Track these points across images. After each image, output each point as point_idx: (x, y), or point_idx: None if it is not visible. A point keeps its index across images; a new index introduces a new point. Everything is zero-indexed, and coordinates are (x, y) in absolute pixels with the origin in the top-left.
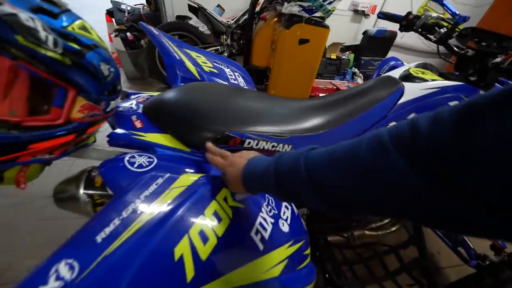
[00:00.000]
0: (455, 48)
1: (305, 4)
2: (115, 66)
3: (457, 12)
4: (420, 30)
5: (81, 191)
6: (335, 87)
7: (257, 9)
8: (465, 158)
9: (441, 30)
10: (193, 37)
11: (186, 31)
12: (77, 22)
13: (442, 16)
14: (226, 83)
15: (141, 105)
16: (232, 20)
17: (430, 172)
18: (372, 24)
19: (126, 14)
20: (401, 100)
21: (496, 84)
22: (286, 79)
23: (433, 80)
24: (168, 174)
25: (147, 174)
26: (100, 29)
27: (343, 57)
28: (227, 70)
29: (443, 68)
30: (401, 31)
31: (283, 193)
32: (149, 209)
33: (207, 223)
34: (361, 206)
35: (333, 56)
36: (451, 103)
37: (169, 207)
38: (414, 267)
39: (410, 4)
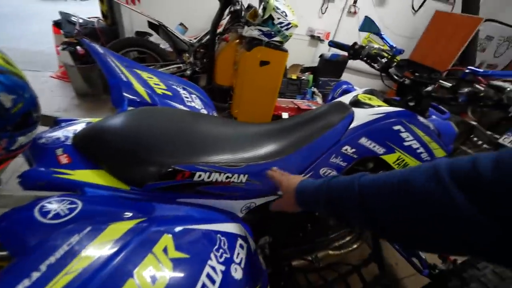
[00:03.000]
0: (395, 76)
1: (264, 29)
2: (30, 93)
3: (394, 45)
4: (365, 59)
5: None
6: (296, 106)
7: (220, 30)
8: None
9: (383, 60)
10: (153, 54)
11: (146, 48)
12: None
13: (382, 47)
14: (180, 106)
15: (71, 136)
16: (195, 39)
17: (491, 210)
18: (327, 49)
19: (77, 27)
20: (352, 125)
21: (430, 108)
22: (249, 98)
23: (378, 106)
24: (88, 228)
25: (62, 229)
26: (46, 41)
27: (303, 77)
28: (182, 92)
29: (385, 94)
30: (349, 59)
31: (332, 211)
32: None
33: (138, 285)
34: (409, 234)
35: (294, 77)
36: (395, 127)
37: (82, 278)
38: (375, 285)
39: (358, 34)
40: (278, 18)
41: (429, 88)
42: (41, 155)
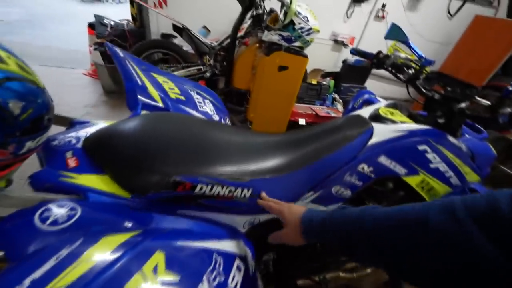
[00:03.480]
0: (423, 90)
1: (285, 33)
2: (43, 98)
3: (423, 55)
4: (390, 68)
5: None
6: (314, 113)
7: (241, 33)
8: None
9: (410, 71)
10: (176, 56)
11: (169, 49)
12: None
13: (410, 57)
14: (193, 111)
15: (83, 138)
16: (216, 42)
17: (509, 247)
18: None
19: (108, 28)
20: (371, 142)
21: (464, 126)
22: (265, 103)
23: (402, 122)
24: (80, 241)
25: (55, 239)
26: (82, 40)
27: (324, 83)
28: (196, 97)
29: (412, 105)
30: (372, 68)
31: (339, 246)
32: None
33: None
34: (423, 273)
35: (314, 82)
36: (420, 147)
37: None
38: None
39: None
40: (299, 23)
41: (463, 105)
42: (52, 157)
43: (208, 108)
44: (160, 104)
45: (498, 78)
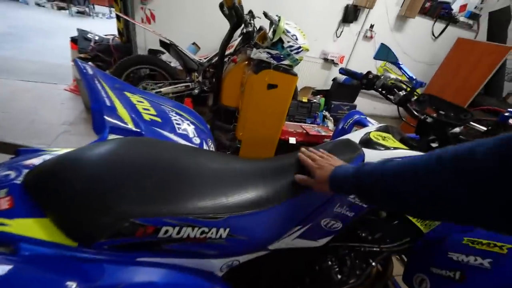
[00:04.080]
0: (415, 112)
1: (273, 51)
2: None
3: (414, 77)
4: (380, 89)
5: None
6: (304, 131)
7: (231, 51)
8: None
9: (400, 92)
10: (162, 72)
11: (156, 66)
12: None
13: (400, 78)
14: (170, 134)
15: (25, 172)
16: (205, 58)
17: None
18: None
19: (92, 43)
20: None
21: None
22: (255, 121)
23: (394, 148)
24: None
25: None
26: (66, 55)
27: (314, 100)
28: (174, 118)
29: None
30: (362, 88)
31: (360, 192)
32: None
33: None
34: (414, 206)
35: (305, 100)
36: None
37: None
38: None
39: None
40: (288, 42)
41: (457, 130)
42: None
43: (188, 130)
44: (131, 127)
45: (481, 97)
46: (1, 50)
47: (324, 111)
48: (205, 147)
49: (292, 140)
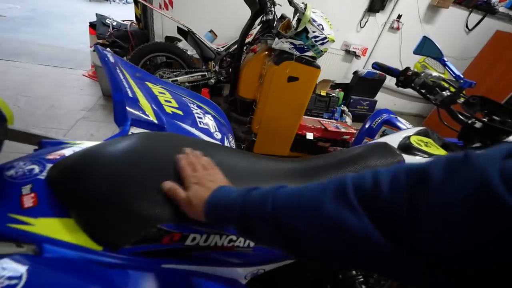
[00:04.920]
0: (460, 116)
1: (297, 42)
2: None
3: (462, 76)
4: (418, 88)
5: None
6: (323, 127)
7: (250, 39)
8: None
9: (443, 92)
10: (179, 60)
11: (173, 53)
12: None
13: (443, 76)
14: (192, 128)
15: (49, 166)
16: (223, 47)
17: (388, 231)
18: (362, 65)
19: (110, 29)
20: None
21: None
22: (272, 114)
23: (438, 154)
24: None
25: None
26: (85, 40)
27: (333, 94)
28: (195, 112)
29: (422, 121)
30: (398, 86)
31: (244, 228)
32: None
33: None
34: (320, 253)
35: (323, 93)
36: None
37: None
38: None
39: (399, 51)
40: (314, 32)
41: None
42: (2, 193)
43: (210, 124)
44: (153, 120)
45: None
46: (22, 33)
47: (342, 105)
48: (226, 142)
49: (310, 136)
